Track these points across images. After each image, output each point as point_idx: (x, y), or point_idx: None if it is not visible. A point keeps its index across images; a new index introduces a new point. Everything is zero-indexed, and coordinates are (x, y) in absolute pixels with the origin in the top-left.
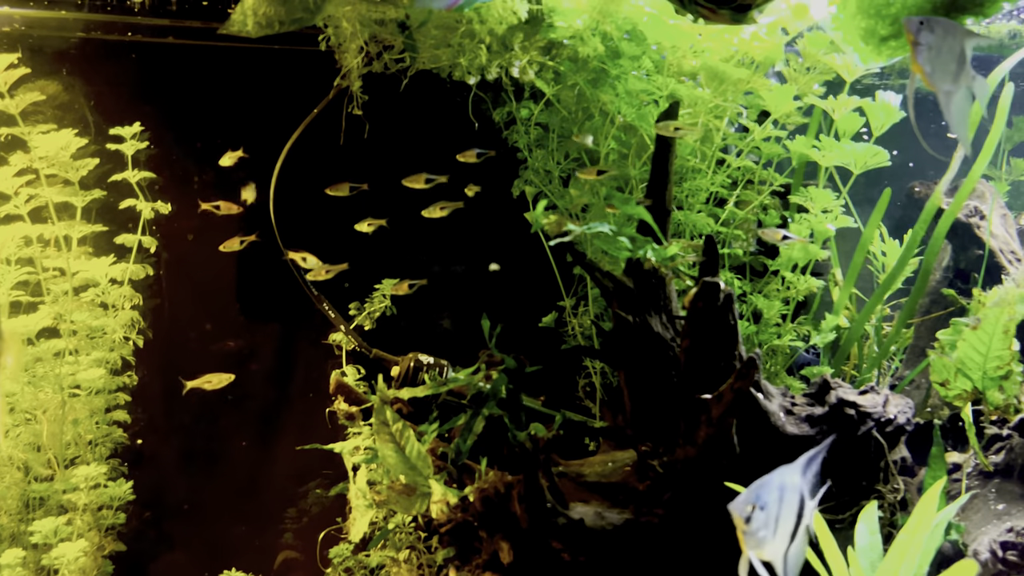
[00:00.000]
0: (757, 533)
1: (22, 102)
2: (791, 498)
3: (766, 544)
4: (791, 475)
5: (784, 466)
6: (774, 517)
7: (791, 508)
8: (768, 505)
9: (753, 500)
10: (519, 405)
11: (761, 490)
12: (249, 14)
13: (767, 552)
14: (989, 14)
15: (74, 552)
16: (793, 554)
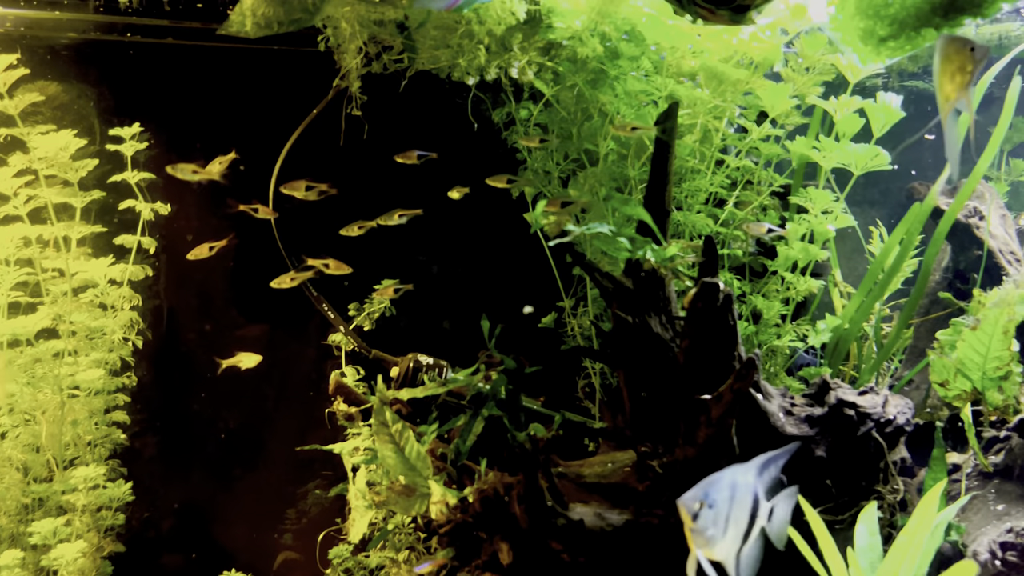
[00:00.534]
0: (705, 531)
1: (21, 103)
2: (743, 498)
3: (716, 544)
4: (744, 474)
5: (737, 465)
6: (724, 516)
7: (743, 508)
8: (717, 504)
9: (701, 497)
10: (518, 406)
11: (711, 488)
12: (248, 15)
13: (717, 552)
14: (988, 14)
15: (73, 553)
16: (747, 557)
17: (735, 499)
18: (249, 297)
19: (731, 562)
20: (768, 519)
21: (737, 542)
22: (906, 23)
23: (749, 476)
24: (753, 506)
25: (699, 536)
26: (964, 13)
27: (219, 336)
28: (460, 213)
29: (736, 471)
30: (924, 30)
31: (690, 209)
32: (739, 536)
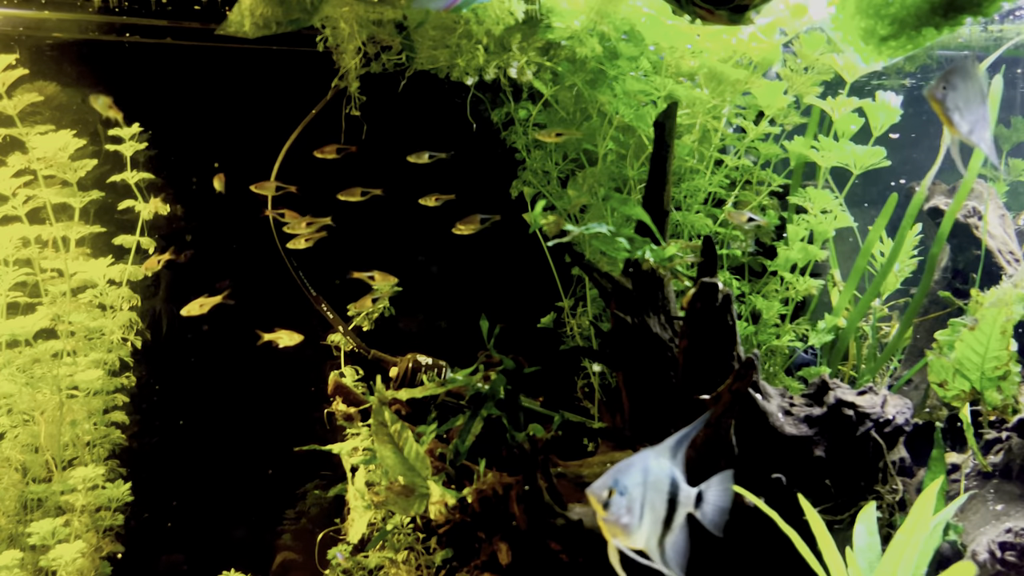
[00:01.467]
0: (619, 520)
1: (21, 103)
2: (659, 484)
3: (633, 532)
4: (656, 459)
5: (648, 449)
6: (638, 503)
7: (660, 494)
8: (629, 490)
9: (611, 484)
10: (518, 406)
11: (620, 474)
12: (246, 15)
13: (636, 540)
14: (988, 14)
15: (72, 553)
16: (673, 545)
17: (648, 484)
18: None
19: (654, 550)
20: (696, 505)
21: (657, 529)
22: (907, 22)
23: (663, 460)
24: (672, 490)
25: (612, 524)
26: (964, 12)
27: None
28: (459, 213)
29: (648, 455)
30: (924, 29)
31: (689, 209)
32: (658, 523)
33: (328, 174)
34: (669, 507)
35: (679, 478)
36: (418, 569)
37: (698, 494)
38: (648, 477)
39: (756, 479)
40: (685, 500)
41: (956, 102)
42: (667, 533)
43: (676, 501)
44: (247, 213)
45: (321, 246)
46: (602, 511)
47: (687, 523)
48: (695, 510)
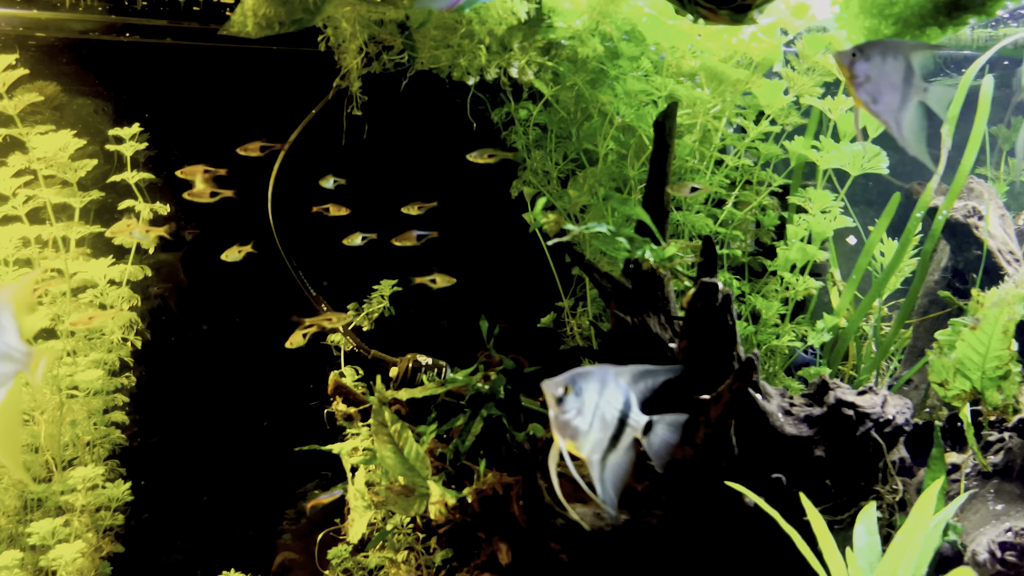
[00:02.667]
0: (570, 419)
1: (21, 103)
2: (613, 396)
3: (580, 437)
4: (617, 375)
5: (610, 365)
6: (591, 410)
7: (612, 406)
8: (584, 393)
9: (568, 382)
10: (518, 406)
11: (579, 377)
12: (249, 15)
13: (581, 447)
14: (992, 13)
15: (72, 553)
16: (614, 464)
17: (604, 395)
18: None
19: (596, 462)
20: (645, 433)
21: (604, 442)
22: (910, 22)
23: (623, 378)
24: (624, 409)
25: (562, 422)
26: (968, 12)
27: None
28: (459, 213)
29: (608, 369)
30: (928, 29)
31: (689, 209)
32: (606, 435)
33: (328, 174)
34: (618, 426)
35: (633, 402)
36: (418, 569)
37: (648, 422)
38: (604, 388)
39: (756, 479)
40: (635, 424)
41: (867, 72)
42: (611, 452)
43: (626, 423)
44: (246, 213)
45: (322, 246)
46: (555, 406)
47: (635, 457)
48: (643, 437)
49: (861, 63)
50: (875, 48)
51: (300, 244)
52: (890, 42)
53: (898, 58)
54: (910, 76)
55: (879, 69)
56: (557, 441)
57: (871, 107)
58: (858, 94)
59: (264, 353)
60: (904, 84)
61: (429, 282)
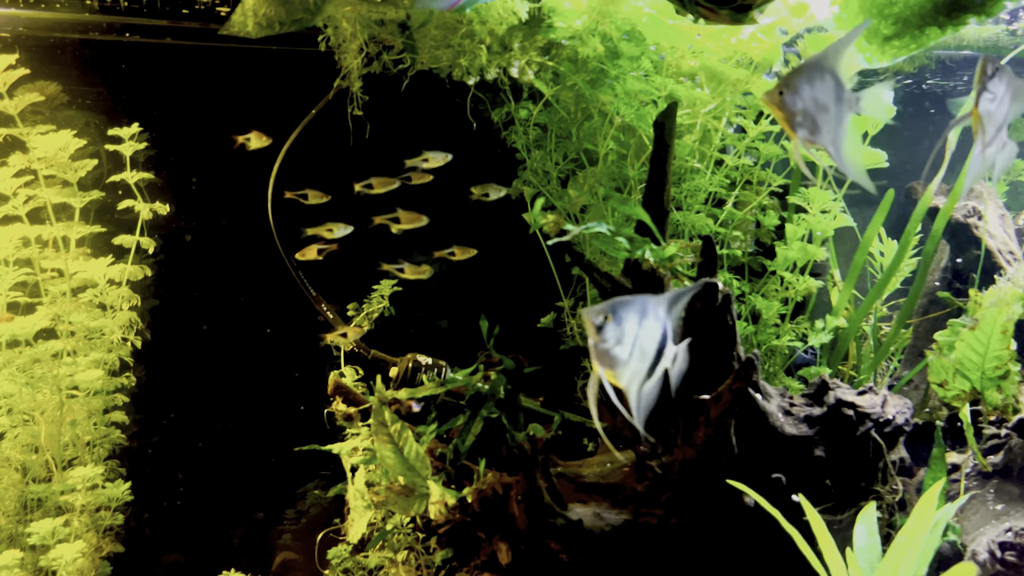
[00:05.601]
0: (610, 348)
1: (21, 103)
2: (652, 328)
3: (619, 366)
4: (656, 305)
5: (647, 295)
6: (631, 339)
7: (651, 339)
8: (624, 323)
9: (608, 311)
10: (518, 406)
11: (619, 306)
12: (249, 15)
13: (619, 376)
14: (992, 13)
15: (72, 553)
16: (646, 393)
17: (644, 325)
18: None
19: (634, 392)
20: (672, 363)
21: (642, 372)
22: (910, 22)
23: (661, 309)
24: (662, 340)
25: (602, 351)
26: (968, 12)
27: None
28: (459, 213)
29: (648, 300)
30: (928, 29)
31: (689, 209)
32: (644, 366)
33: (328, 174)
34: (656, 357)
35: (669, 333)
36: (418, 569)
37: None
38: (644, 319)
39: (756, 479)
40: (670, 356)
41: (799, 105)
42: (646, 381)
43: (662, 353)
44: (248, 213)
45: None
46: (595, 335)
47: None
48: (670, 367)
49: (790, 97)
50: (799, 75)
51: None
52: (811, 63)
53: (825, 77)
54: (840, 92)
55: (810, 96)
56: (596, 370)
57: (811, 139)
58: (796, 132)
59: (264, 353)
60: (836, 103)
61: (396, 271)
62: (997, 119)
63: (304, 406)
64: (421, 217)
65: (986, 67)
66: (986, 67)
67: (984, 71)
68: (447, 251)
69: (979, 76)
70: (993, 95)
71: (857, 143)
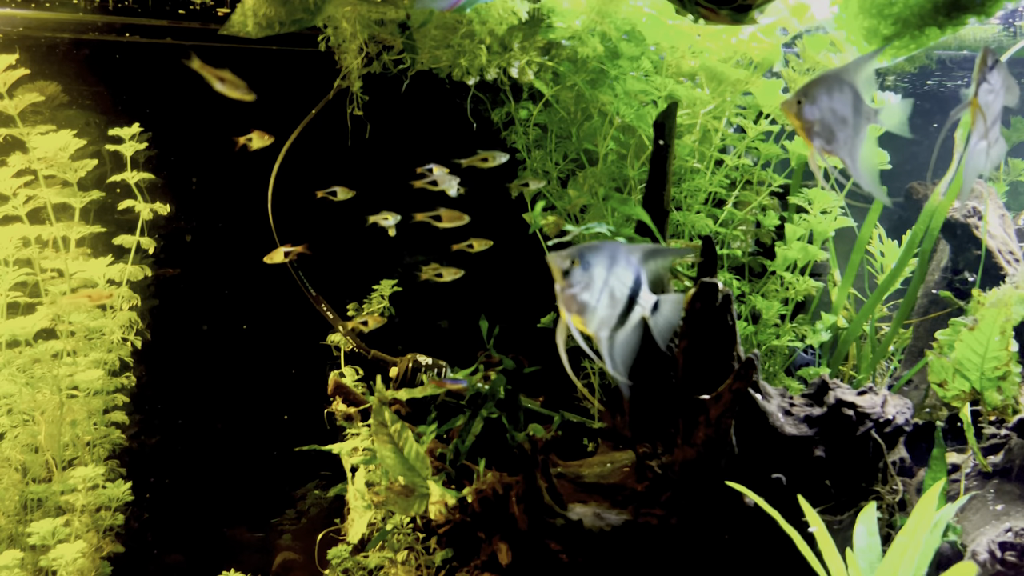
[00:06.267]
0: (576, 293)
1: (21, 103)
2: (623, 275)
3: (588, 313)
4: (628, 253)
5: (620, 243)
6: (599, 284)
7: (622, 283)
8: (592, 267)
9: (575, 256)
10: (518, 406)
11: (587, 251)
12: (249, 15)
13: (589, 323)
14: (991, 14)
15: (72, 553)
16: (623, 342)
17: (614, 271)
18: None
19: (604, 338)
20: (652, 312)
21: (612, 319)
22: (910, 22)
23: (634, 255)
24: (634, 287)
25: (569, 296)
26: (967, 12)
27: None
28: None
29: (619, 245)
30: (928, 29)
31: (689, 209)
32: (614, 312)
33: (329, 174)
34: (627, 304)
35: (643, 281)
36: (418, 569)
37: (656, 302)
38: (614, 265)
39: (756, 479)
40: (644, 303)
41: (816, 115)
42: (619, 329)
43: (635, 301)
44: (248, 213)
45: (322, 247)
46: (561, 280)
47: (640, 331)
48: (649, 316)
49: (808, 107)
50: (819, 86)
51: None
52: (831, 74)
53: (844, 89)
54: (859, 105)
55: (828, 107)
56: (563, 316)
57: (827, 149)
58: (813, 142)
59: (264, 353)
60: (854, 115)
61: (435, 276)
62: (994, 111)
63: (303, 407)
64: (463, 216)
65: (986, 58)
66: (986, 58)
67: (984, 61)
68: (465, 243)
69: (979, 66)
70: (992, 87)
71: (874, 155)
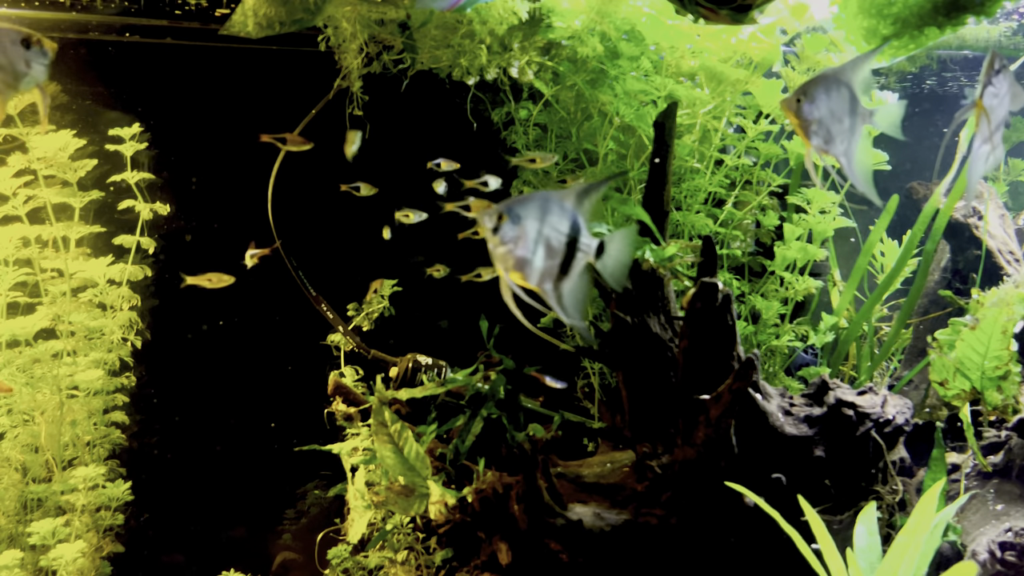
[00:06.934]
0: (510, 249)
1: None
2: (558, 222)
3: (526, 267)
4: (561, 199)
5: (551, 191)
6: (533, 236)
7: (558, 234)
8: (524, 220)
9: (503, 210)
10: (517, 406)
11: (515, 204)
12: (250, 15)
13: (529, 277)
14: (991, 13)
15: (72, 553)
16: (570, 290)
17: (547, 221)
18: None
19: (549, 291)
20: (598, 256)
21: (553, 270)
22: (909, 22)
23: (567, 200)
24: (571, 232)
25: (501, 252)
26: (967, 12)
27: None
28: (458, 212)
29: (549, 193)
30: (927, 29)
31: (689, 209)
32: (554, 264)
33: (328, 174)
34: (568, 251)
35: (582, 224)
36: (418, 569)
37: (600, 244)
38: (546, 214)
39: (756, 479)
40: (585, 248)
41: (815, 114)
42: (565, 278)
43: (576, 247)
44: (247, 213)
45: (321, 247)
46: (491, 237)
47: (588, 276)
48: (595, 260)
49: (807, 106)
50: (818, 85)
51: (301, 244)
52: (829, 74)
53: (841, 89)
54: (855, 105)
55: (826, 107)
56: (502, 275)
57: (824, 149)
58: (811, 141)
59: (264, 353)
60: (851, 116)
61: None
62: (998, 115)
63: (303, 407)
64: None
65: (994, 61)
66: (994, 61)
67: (992, 65)
68: (474, 273)
69: (986, 69)
70: (997, 90)
71: (869, 155)
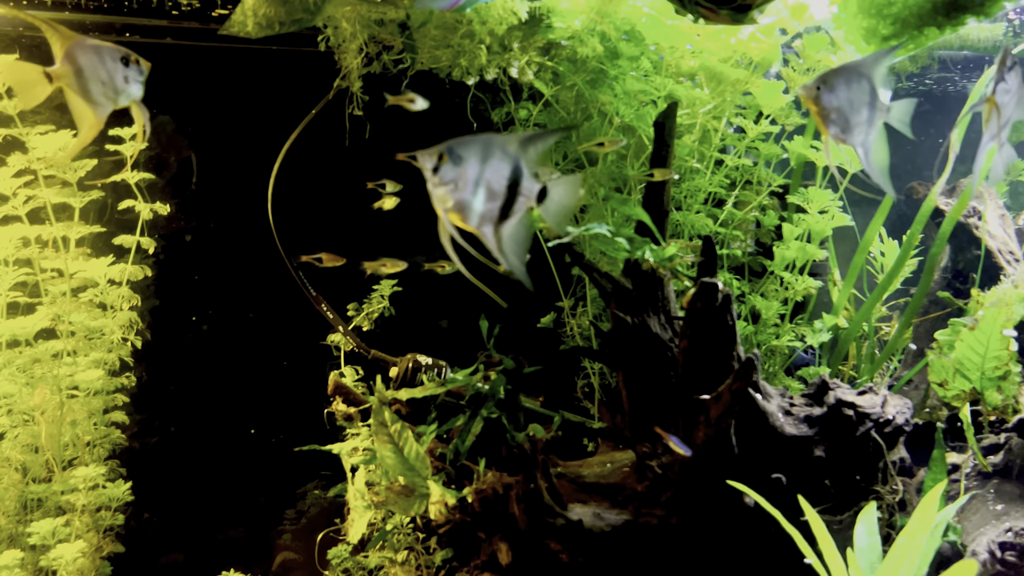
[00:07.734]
0: (449, 187)
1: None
2: (499, 165)
3: (466, 209)
4: (504, 143)
5: (495, 134)
6: (473, 178)
7: (499, 178)
8: (464, 161)
9: (444, 151)
10: (518, 406)
11: (457, 145)
12: (249, 15)
13: (468, 219)
14: (991, 14)
15: (72, 553)
16: (511, 235)
17: (489, 163)
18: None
19: (489, 234)
20: (540, 202)
21: (493, 212)
22: (908, 22)
23: (510, 145)
24: (514, 176)
25: (442, 197)
26: (966, 12)
27: None
28: None
29: (492, 136)
30: (927, 29)
31: (689, 209)
32: (494, 207)
33: (328, 174)
34: (510, 195)
35: (524, 170)
36: (418, 569)
37: (542, 189)
38: (488, 157)
39: (756, 479)
40: (527, 192)
41: (834, 103)
42: (505, 222)
43: (517, 192)
44: (249, 213)
45: (320, 246)
46: (431, 176)
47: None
48: (537, 205)
49: (827, 95)
50: (838, 76)
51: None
52: (851, 66)
53: (861, 81)
54: (874, 99)
55: (845, 97)
56: (441, 217)
57: (841, 138)
58: (828, 128)
59: (264, 353)
60: (869, 108)
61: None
62: (1007, 113)
63: (304, 407)
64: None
65: (1006, 58)
66: (1006, 58)
67: (1004, 62)
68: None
69: (999, 65)
70: (1009, 88)
71: (885, 149)
